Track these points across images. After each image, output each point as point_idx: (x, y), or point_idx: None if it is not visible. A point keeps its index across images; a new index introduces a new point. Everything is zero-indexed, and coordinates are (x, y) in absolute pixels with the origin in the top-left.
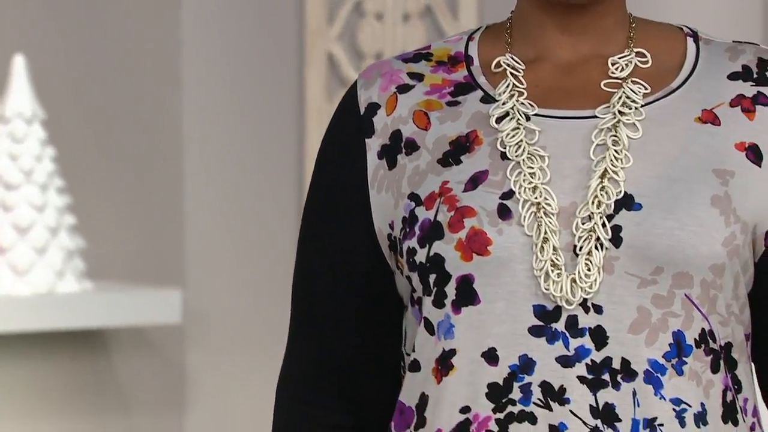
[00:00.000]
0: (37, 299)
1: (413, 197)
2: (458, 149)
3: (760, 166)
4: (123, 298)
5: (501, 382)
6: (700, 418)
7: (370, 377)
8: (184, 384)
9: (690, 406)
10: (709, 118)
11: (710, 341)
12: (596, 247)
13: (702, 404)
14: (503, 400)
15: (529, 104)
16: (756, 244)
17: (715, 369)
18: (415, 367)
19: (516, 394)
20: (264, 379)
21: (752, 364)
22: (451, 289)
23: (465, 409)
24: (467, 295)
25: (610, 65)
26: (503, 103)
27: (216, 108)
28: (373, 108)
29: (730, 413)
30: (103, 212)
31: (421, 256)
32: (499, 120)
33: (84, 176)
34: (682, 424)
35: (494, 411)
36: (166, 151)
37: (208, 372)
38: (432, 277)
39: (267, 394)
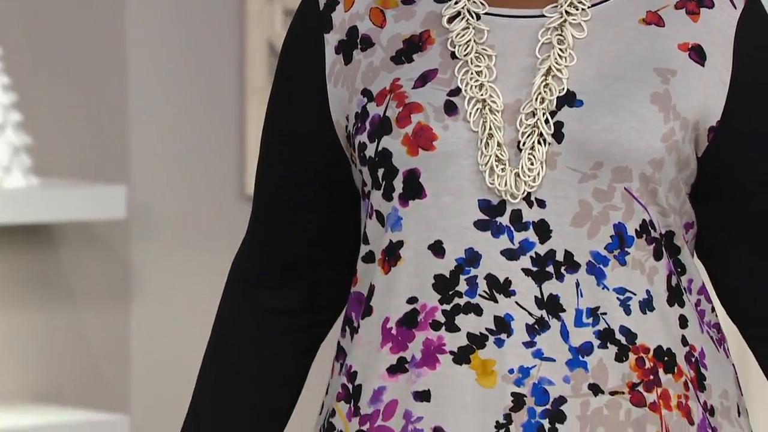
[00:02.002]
0: None
1: (366, 93)
2: (411, 48)
3: (703, 66)
4: (69, 193)
5: (447, 275)
6: (646, 305)
7: (322, 264)
8: (129, 277)
9: (635, 293)
10: (654, 19)
11: (651, 231)
12: (539, 143)
13: (647, 291)
14: (450, 292)
15: (480, 3)
16: (699, 141)
17: (657, 256)
18: (370, 258)
19: (462, 286)
20: (207, 272)
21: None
22: (398, 183)
23: (412, 300)
24: (414, 188)
25: None
26: (455, 2)
27: (158, 2)
28: (332, 3)
29: (675, 296)
30: (48, 109)
31: (370, 150)
32: (450, 20)
33: (29, 74)
34: (627, 311)
35: (441, 302)
36: (109, 46)
37: (153, 266)
38: (380, 171)
39: (210, 287)
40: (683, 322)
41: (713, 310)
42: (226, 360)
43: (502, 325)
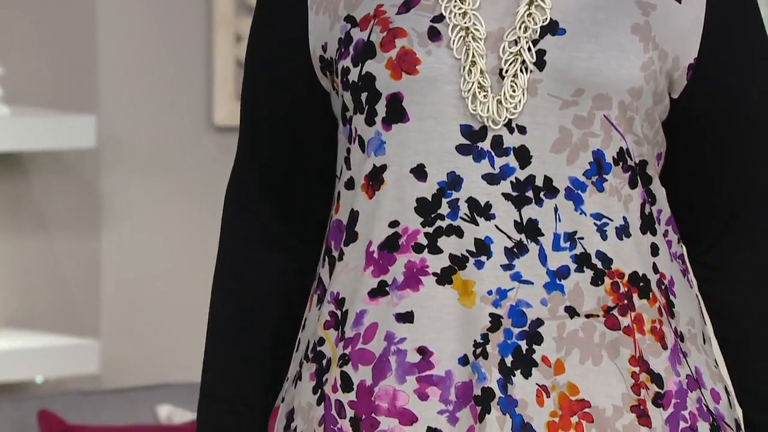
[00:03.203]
0: None
1: (349, 19)
2: None
3: (680, 3)
4: (39, 122)
5: (429, 198)
6: (622, 231)
7: (304, 192)
8: (99, 205)
9: (612, 219)
10: None
11: (628, 159)
12: (521, 70)
13: (624, 218)
14: (432, 215)
15: None
16: (678, 80)
17: (633, 185)
18: (351, 184)
19: (444, 209)
20: (176, 200)
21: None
22: (381, 107)
23: (394, 224)
24: (396, 112)
25: None
26: None
27: None
28: None
29: (648, 224)
30: (18, 39)
31: (353, 75)
32: None
33: None
34: (604, 237)
35: (423, 225)
36: None
37: (123, 194)
38: (363, 96)
39: (178, 215)
40: (655, 250)
41: (679, 241)
42: (234, 282)
43: (483, 247)
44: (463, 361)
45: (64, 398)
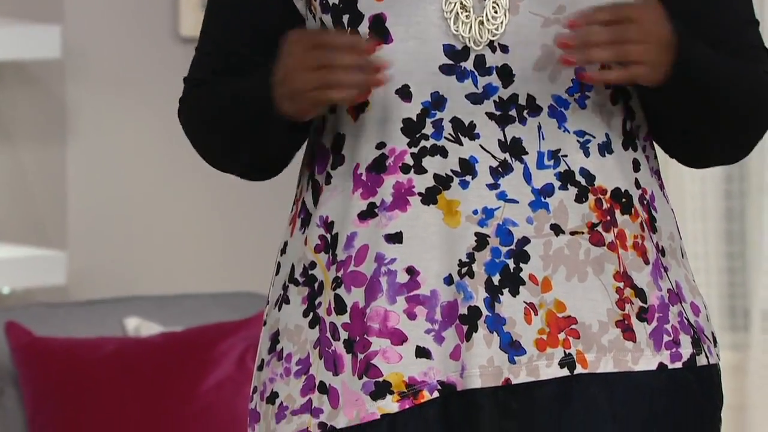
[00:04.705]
0: None
1: None
2: None
3: None
4: (4, 32)
5: (414, 118)
6: (605, 147)
7: None
8: (65, 116)
9: (594, 136)
10: None
11: None
12: None
13: (606, 134)
14: (417, 135)
15: None
16: None
17: (614, 101)
18: (333, 107)
19: (428, 129)
20: (141, 110)
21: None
22: (364, 29)
23: (380, 145)
24: (380, 33)
25: None
26: None
27: None
28: None
29: (629, 140)
30: None
31: None
32: None
33: None
34: (587, 153)
35: (409, 145)
36: None
37: (88, 105)
38: (345, 17)
39: (144, 125)
40: (636, 165)
41: (655, 156)
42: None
43: (467, 167)
44: (448, 280)
45: (30, 310)
